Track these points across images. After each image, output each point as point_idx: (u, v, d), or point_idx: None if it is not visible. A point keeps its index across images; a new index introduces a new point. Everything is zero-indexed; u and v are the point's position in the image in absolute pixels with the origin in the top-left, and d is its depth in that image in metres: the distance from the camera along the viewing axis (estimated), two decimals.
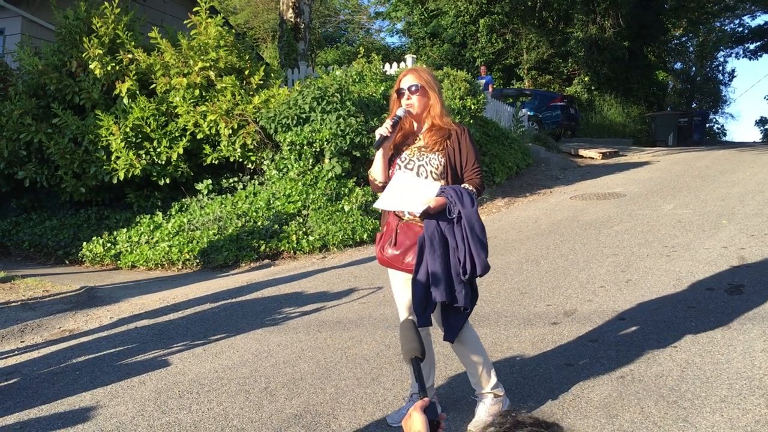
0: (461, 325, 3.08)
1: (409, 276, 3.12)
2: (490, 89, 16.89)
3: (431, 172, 3.10)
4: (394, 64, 13.62)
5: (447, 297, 2.92)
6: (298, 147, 8.64)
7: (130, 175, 8.45)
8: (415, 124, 3.25)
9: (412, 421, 1.45)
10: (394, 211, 3.16)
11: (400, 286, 3.28)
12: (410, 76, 3.18)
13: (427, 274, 2.95)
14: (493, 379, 3.18)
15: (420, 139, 3.20)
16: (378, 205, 3.08)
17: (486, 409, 3.13)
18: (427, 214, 2.95)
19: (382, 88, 9.97)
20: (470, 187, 3.08)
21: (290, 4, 15.46)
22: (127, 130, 8.42)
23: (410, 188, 3.04)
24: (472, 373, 3.20)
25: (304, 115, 8.67)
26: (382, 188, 3.21)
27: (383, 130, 3.08)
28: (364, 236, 7.72)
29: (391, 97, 3.28)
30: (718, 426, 3.02)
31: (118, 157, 8.43)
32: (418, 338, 1.76)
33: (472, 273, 2.93)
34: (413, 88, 3.13)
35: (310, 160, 8.68)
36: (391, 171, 3.20)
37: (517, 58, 26.20)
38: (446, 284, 2.92)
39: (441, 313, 3.09)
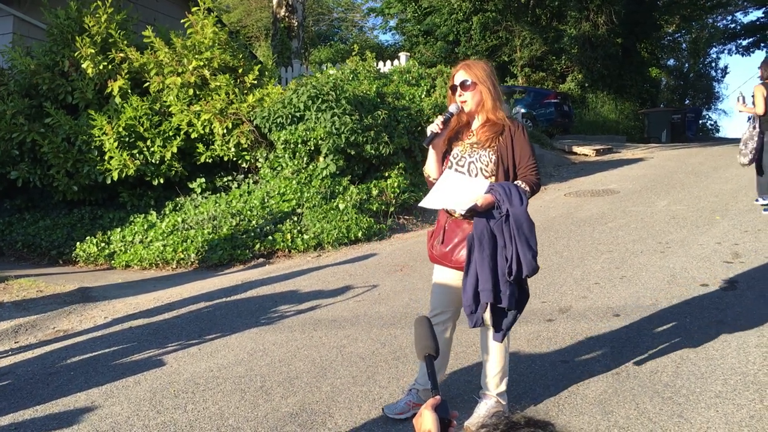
0: (510, 325, 3.05)
1: (455, 273, 3.11)
2: None
3: (481, 169, 3.07)
4: (388, 62, 13.63)
5: (492, 297, 2.88)
6: (292, 145, 8.63)
7: (123, 176, 8.43)
8: (470, 119, 3.19)
9: (423, 419, 1.44)
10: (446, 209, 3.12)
11: (444, 283, 3.23)
12: (462, 72, 3.11)
13: (476, 274, 2.91)
14: (503, 387, 3.18)
15: (473, 134, 3.15)
16: (424, 203, 3.04)
17: (487, 410, 3.13)
18: (474, 212, 2.90)
19: (376, 86, 9.96)
20: (523, 185, 3.02)
21: (283, 2, 15.45)
22: (120, 129, 8.39)
23: (458, 186, 3.00)
24: (486, 373, 3.19)
25: (298, 114, 8.66)
26: None
27: (434, 127, 3.04)
28: (359, 234, 7.72)
29: (448, 94, 3.23)
30: (713, 421, 3.03)
31: (111, 157, 8.40)
32: (432, 335, 1.74)
33: (518, 273, 2.87)
34: (466, 84, 3.07)
35: (305, 159, 8.68)
36: (444, 168, 3.17)
37: (511, 56, 26.21)
38: (493, 284, 2.88)
39: (489, 312, 3.05)
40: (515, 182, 3.03)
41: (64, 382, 3.99)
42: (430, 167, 3.21)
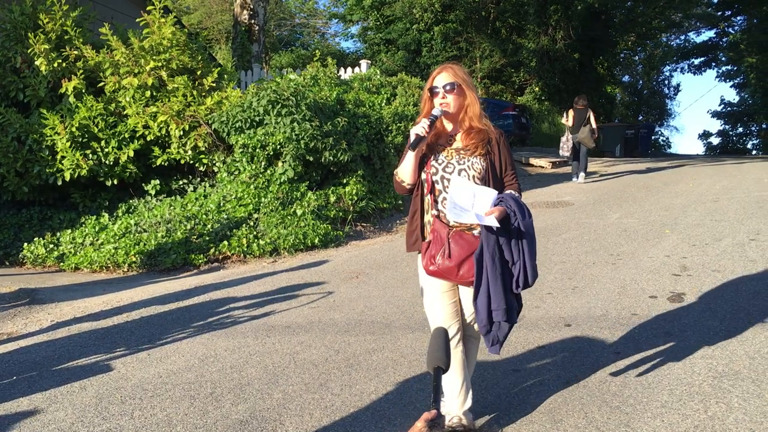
0: (506, 336, 2.96)
1: (450, 284, 3.01)
2: None
3: (473, 176, 2.93)
4: (349, 69, 13.64)
5: (505, 316, 2.83)
6: (250, 150, 8.56)
7: (76, 176, 8.24)
8: (448, 125, 3.05)
9: None
10: (438, 217, 2.97)
11: (443, 295, 3.04)
12: (445, 74, 2.96)
13: (488, 293, 2.81)
14: (470, 402, 3.10)
15: (456, 140, 3.01)
16: (451, 217, 2.85)
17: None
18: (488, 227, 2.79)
19: (336, 92, 9.95)
20: (517, 195, 2.98)
21: (245, 5, 15.35)
22: (74, 129, 8.20)
23: (472, 195, 2.85)
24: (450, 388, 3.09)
25: (257, 118, 8.59)
26: (410, 191, 3.04)
27: (419, 130, 2.86)
28: (316, 241, 7.68)
29: (423, 96, 3.06)
30: (659, 431, 3.09)
31: (63, 157, 8.21)
32: (446, 349, 1.71)
33: (525, 284, 2.84)
34: (448, 87, 2.93)
35: (263, 163, 8.61)
36: (426, 175, 3.00)
37: (471, 67, 26.50)
38: (506, 303, 2.82)
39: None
40: (508, 192, 2.99)
41: (6, 387, 3.87)
42: (407, 172, 3.00)
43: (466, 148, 2.97)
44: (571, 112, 12.72)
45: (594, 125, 12.54)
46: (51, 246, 7.70)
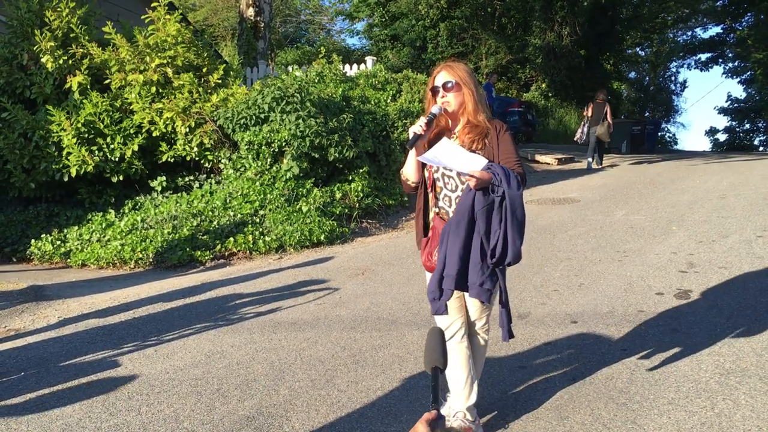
0: (506, 322, 2.91)
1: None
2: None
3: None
4: (354, 66, 13.63)
5: (457, 285, 2.77)
6: (256, 147, 8.57)
7: (82, 172, 8.27)
8: (451, 122, 3.07)
9: None
10: (438, 214, 2.99)
11: None
12: (444, 73, 3.00)
13: (445, 258, 2.78)
14: (474, 398, 3.07)
15: (455, 137, 3.03)
16: (422, 158, 2.82)
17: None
18: (468, 188, 2.74)
19: (342, 89, 9.95)
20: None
21: (250, 2, 15.36)
22: (79, 125, 8.23)
23: (457, 155, 2.82)
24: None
25: (263, 115, 8.60)
26: (415, 188, 3.07)
27: (417, 128, 2.89)
28: (322, 237, 7.68)
29: (426, 96, 3.10)
30: (666, 428, 3.09)
31: (69, 153, 8.24)
32: (442, 348, 1.69)
33: (500, 259, 2.75)
34: (448, 85, 2.96)
35: (268, 160, 8.61)
36: (428, 174, 3.03)
37: (477, 63, 26.46)
38: (460, 272, 2.75)
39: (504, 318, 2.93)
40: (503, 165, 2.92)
41: (14, 383, 3.89)
42: (410, 170, 3.05)
43: (464, 144, 2.98)
44: (589, 105, 14.64)
45: (609, 120, 14.30)
46: (58, 242, 7.73)
